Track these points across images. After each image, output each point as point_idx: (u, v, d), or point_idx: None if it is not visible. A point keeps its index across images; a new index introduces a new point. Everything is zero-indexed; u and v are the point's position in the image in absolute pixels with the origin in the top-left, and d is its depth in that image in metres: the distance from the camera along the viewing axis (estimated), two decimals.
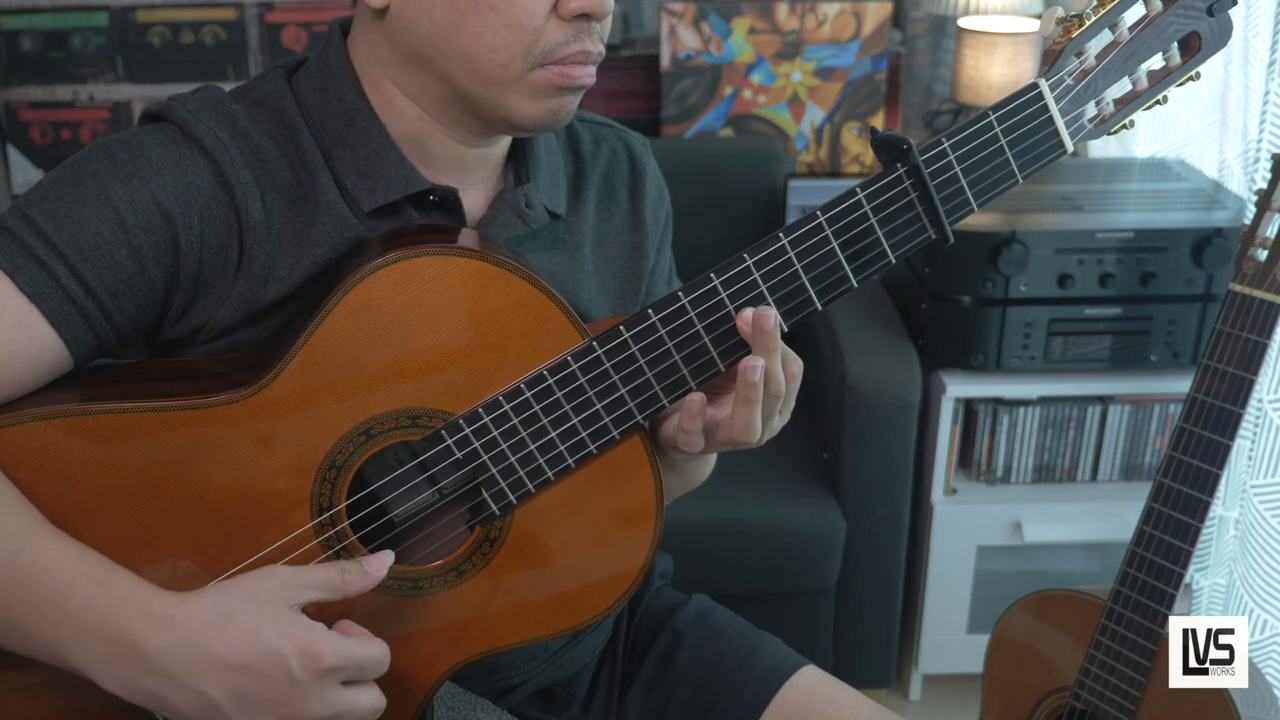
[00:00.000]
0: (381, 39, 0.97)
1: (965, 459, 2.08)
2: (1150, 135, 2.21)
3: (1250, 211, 1.40)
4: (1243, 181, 1.92)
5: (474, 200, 1.03)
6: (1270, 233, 1.36)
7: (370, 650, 0.88)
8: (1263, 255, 1.35)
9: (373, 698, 0.88)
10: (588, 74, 0.96)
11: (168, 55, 2.56)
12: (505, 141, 1.05)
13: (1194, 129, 2.09)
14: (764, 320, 0.90)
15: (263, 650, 0.83)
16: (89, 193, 0.91)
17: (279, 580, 0.86)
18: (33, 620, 0.84)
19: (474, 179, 1.03)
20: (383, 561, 0.90)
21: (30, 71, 2.54)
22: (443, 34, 0.92)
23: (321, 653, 0.84)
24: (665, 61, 2.47)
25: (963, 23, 2.42)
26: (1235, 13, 0.96)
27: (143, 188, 0.91)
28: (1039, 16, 2.46)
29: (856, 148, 2.52)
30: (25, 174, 2.58)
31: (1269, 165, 1.39)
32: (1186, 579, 1.39)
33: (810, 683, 1.17)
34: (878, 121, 2.49)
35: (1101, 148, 2.36)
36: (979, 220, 1.88)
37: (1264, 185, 1.38)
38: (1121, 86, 0.96)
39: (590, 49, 0.95)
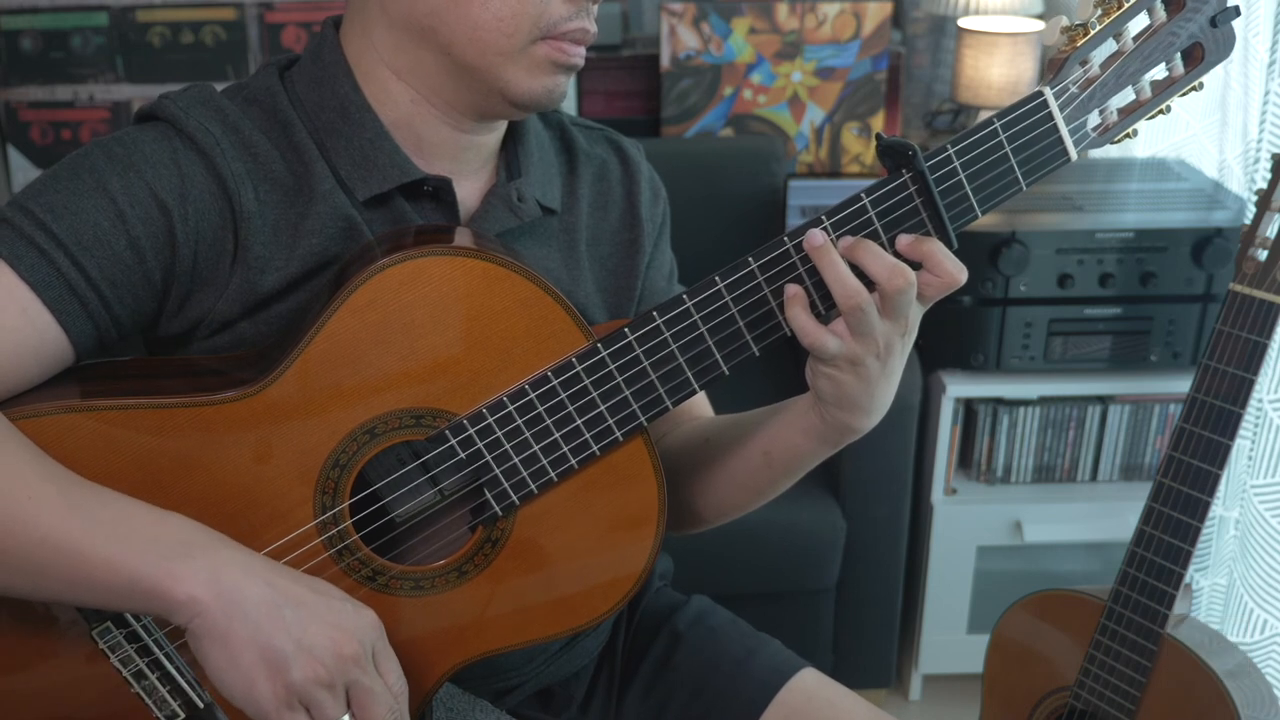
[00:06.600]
0: (378, 18, 0.98)
1: (965, 459, 2.08)
2: (1150, 135, 2.21)
3: (1250, 211, 1.40)
4: (1243, 181, 1.92)
5: (467, 193, 1.04)
6: (1270, 233, 1.36)
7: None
8: (1263, 255, 1.35)
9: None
10: (581, 54, 0.99)
11: (168, 55, 2.56)
12: (498, 131, 1.06)
13: (1194, 129, 2.09)
14: (813, 240, 0.90)
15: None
16: (86, 185, 0.92)
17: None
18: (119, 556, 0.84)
19: (467, 170, 1.04)
20: None
21: (30, 71, 2.54)
22: (450, 2, 0.94)
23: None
24: (665, 61, 2.47)
25: (963, 23, 2.43)
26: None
27: (139, 180, 0.92)
28: (1039, 16, 2.46)
29: (857, 148, 2.52)
30: (25, 174, 2.58)
31: (1269, 165, 1.39)
32: (1186, 579, 1.39)
33: (808, 686, 1.17)
34: (877, 121, 2.49)
35: (1101, 148, 2.36)
36: (979, 221, 1.88)
37: (1264, 185, 1.38)
38: (1125, 96, 0.96)
39: (589, 28, 0.98)
